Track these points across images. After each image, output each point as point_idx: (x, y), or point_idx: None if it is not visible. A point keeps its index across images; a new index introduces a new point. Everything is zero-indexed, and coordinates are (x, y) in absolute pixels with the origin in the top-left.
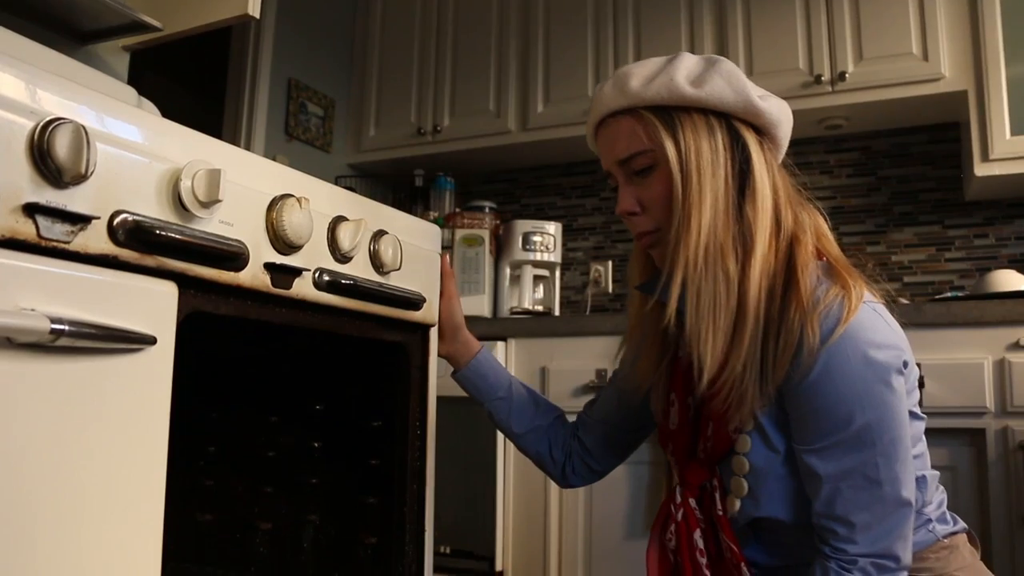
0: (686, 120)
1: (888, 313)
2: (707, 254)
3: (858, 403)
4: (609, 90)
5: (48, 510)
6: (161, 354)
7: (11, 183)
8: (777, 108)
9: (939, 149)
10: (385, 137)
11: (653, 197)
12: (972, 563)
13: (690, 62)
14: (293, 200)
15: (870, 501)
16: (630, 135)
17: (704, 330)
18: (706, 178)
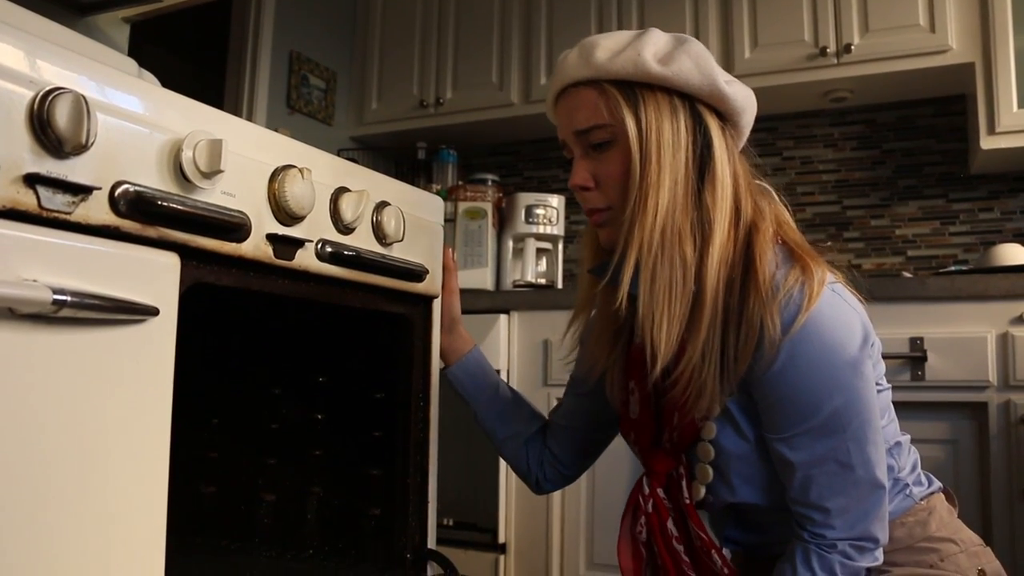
0: (649, 98)
1: (848, 292)
2: (663, 237)
3: (825, 390)
4: (574, 59)
5: (51, 482)
6: (164, 325)
7: (11, 153)
8: (743, 95)
9: (945, 122)
10: (387, 110)
11: (609, 173)
12: (950, 521)
13: (659, 39)
14: (295, 171)
15: (844, 486)
16: (592, 107)
17: (658, 315)
18: (665, 159)
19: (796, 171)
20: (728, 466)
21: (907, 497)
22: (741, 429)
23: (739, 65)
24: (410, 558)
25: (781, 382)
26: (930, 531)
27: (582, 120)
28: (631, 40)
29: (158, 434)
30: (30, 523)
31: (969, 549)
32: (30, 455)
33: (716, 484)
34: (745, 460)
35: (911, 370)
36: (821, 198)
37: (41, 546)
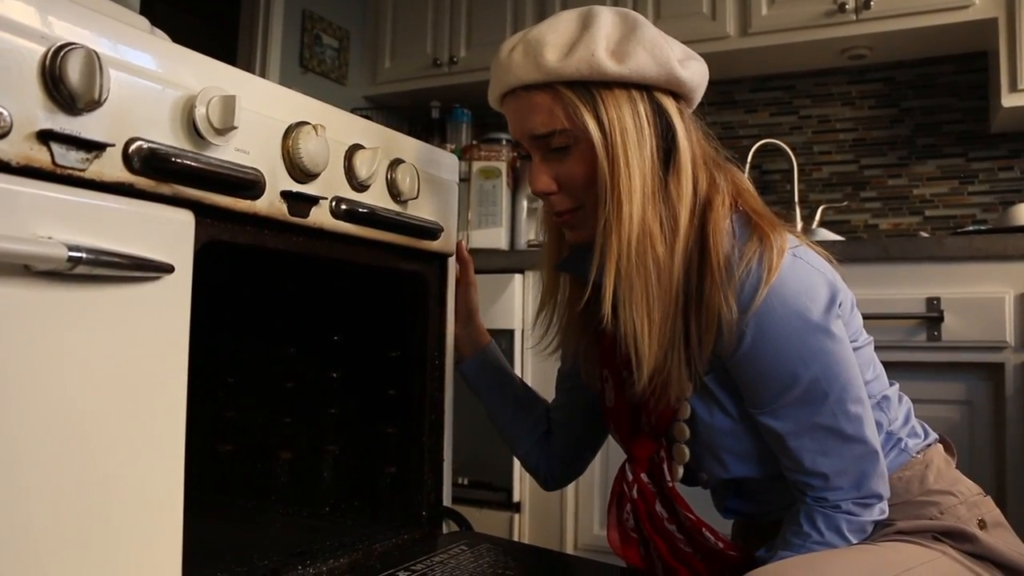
0: (608, 96)
1: (811, 253)
2: (638, 242)
3: (800, 360)
4: (520, 59)
5: (68, 439)
6: (179, 283)
7: (24, 109)
8: (699, 73)
9: (965, 79)
10: (401, 69)
11: (572, 176)
12: (948, 473)
13: (608, 26)
14: (309, 128)
15: (837, 449)
16: (547, 112)
17: (640, 327)
18: (633, 158)
19: (813, 130)
20: (716, 444)
21: (902, 451)
22: (723, 406)
23: (756, 22)
24: (426, 516)
25: (754, 358)
26: (928, 484)
27: (538, 126)
28: (580, 33)
29: (174, 392)
30: (46, 480)
31: (968, 499)
32: (47, 412)
33: (708, 463)
34: (732, 435)
35: (927, 330)
36: (838, 157)
37: (58, 502)
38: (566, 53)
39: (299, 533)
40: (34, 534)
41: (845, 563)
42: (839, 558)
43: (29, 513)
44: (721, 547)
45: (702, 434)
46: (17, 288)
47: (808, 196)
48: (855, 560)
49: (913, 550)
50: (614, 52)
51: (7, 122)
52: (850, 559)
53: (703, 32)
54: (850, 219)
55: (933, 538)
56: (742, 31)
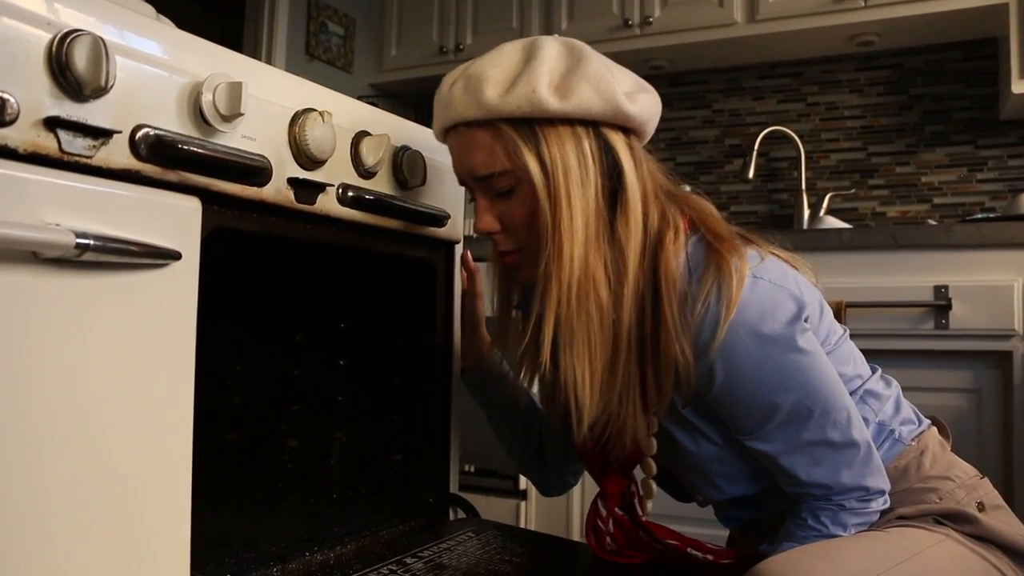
0: (551, 134)
1: (773, 267)
2: (579, 287)
3: (778, 387)
4: (460, 95)
5: (76, 426)
6: (186, 270)
7: (31, 96)
8: (649, 106)
9: (975, 66)
10: (407, 56)
11: (516, 216)
12: (944, 457)
13: (552, 61)
14: (316, 114)
15: (829, 457)
16: (487, 151)
17: (580, 375)
18: (576, 198)
19: (821, 117)
20: (707, 470)
21: (896, 441)
22: (707, 435)
23: (763, 8)
24: (432, 503)
25: (730, 393)
26: (925, 470)
27: (480, 166)
28: (522, 67)
29: (182, 379)
30: (55, 467)
31: (966, 483)
32: (55, 399)
33: (703, 487)
34: (721, 461)
35: (935, 318)
36: (846, 144)
37: (66, 489)
38: (507, 89)
39: (306, 520)
40: (44, 521)
41: (857, 550)
42: (850, 545)
43: (38, 501)
44: (712, 559)
45: (691, 463)
46: (25, 275)
47: (816, 184)
48: (866, 547)
49: (919, 534)
50: (557, 87)
51: (14, 109)
52: (861, 546)
53: (710, 19)
54: (858, 207)
55: (935, 521)
56: (749, 17)
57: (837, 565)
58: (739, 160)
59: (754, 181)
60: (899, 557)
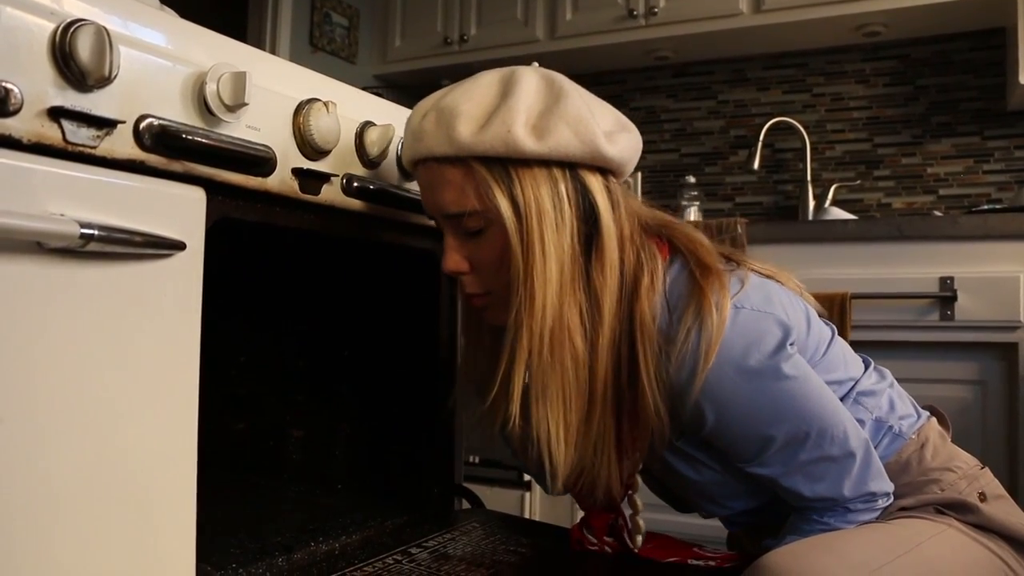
0: (525, 175)
1: (755, 291)
2: (553, 337)
3: (770, 420)
4: (432, 128)
5: (82, 417)
6: (191, 260)
7: (35, 86)
8: (628, 147)
9: (982, 56)
10: (411, 47)
11: (486, 259)
12: (944, 448)
13: (529, 97)
14: (320, 104)
15: (831, 472)
16: (458, 191)
17: (554, 429)
18: (550, 243)
19: (826, 108)
20: (709, 492)
21: (896, 436)
22: (706, 464)
23: None
24: (437, 493)
25: (723, 431)
26: (926, 463)
27: (449, 204)
28: (497, 103)
29: (188, 369)
30: (62, 458)
31: (968, 473)
32: (60, 390)
33: (707, 506)
34: (723, 485)
35: (940, 310)
36: (852, 135)
37: (73, 480)
38: (481, 126)
39: (312, 510)
40: (51, 511)
41: (860, 542)
42: (853, 537)
43: (44, 492)
44: (715, 564)
45: (692, 487)
46: (30, 265)
47: (821, 175)
48: (869, 539)
49: (921, 525)
50: (534, 127)
51: (18, 99)
52: (865, 538)
53: (716, 9)
54: (863, 198)
55: (936, 512)
56: (755, 7)
57: (840, 557)
58: (744, 151)
59: (759, 172)
60: (901, 548)
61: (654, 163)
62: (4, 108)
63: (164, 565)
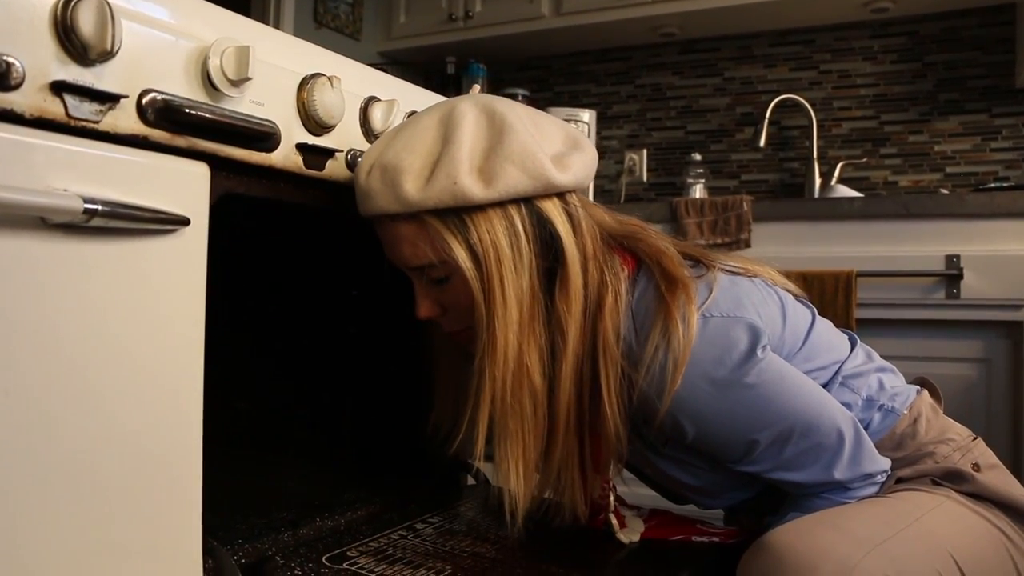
0: (480, 219)
1: (724, 294)
2: (513, 380)
3: (750, 425)
4: (378, 187)
5: (86, 393)
6: (195, 236)
7: (37, 60)
8: (581, 167)
9: (991, 33)
10: (416, 24)
11: (456, 303)
12: (937, 421)
13: (470, 140)
14: (324, 79)
15: (822, 460)
16: (414, 245)
17: (514, 468)
18: (509, 286)
19: (833, 85)
20: (702, 488)
21: (889, 413)
22: (694, 464)
23: None
24: (444, 469)
25: (706, 440)
26: (920, 437)
27: (409, 258)
28: (439, 151)
29: (192, 346)
30: (65, 434)
31: (961, 445)
32: (64, 366)
33: (700, 499)
34: (714, 481)
35: (946, 288)
36: (858, 113)
37: (77, 456)
38: (426, 180)
39: (317, 486)
40: (55, 488)
41: (864, 517)
42: (857, 512)
43: (48, 469)
44: (718, 540)
45: (688, 488)
46: (33, 241)
47: (827, 152)
48: (872, 513)
49: (920, 498)
50: (480, 171)
51: (19, 73)
52: (867, 512)
53: None
54: (869, 176)
55: (932, 483)
56: None
57: (844, 533)
58: (750, 128)
59: (765, 150)
60: (903, 522)
61: (660, 140)
62: (6, 82)
63: (171, 540)
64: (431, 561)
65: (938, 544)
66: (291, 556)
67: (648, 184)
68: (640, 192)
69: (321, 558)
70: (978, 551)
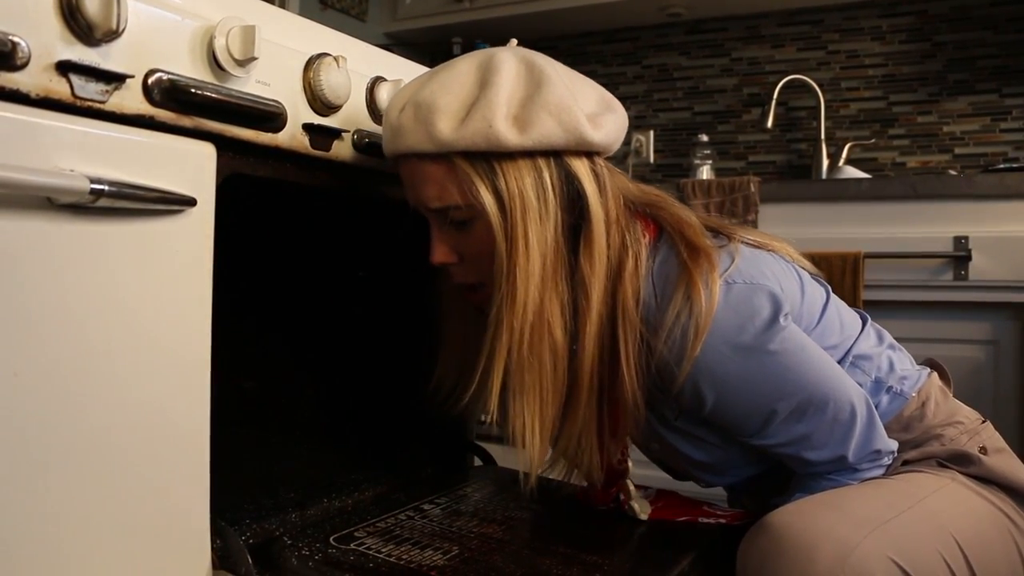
0: (509, 168)
1: (745, 262)
2: (533, 333)
3: (770, 394)
4: (410, 124)
5: (92, 374)
6: (201, 216)
7: (42, 39)
8: (614, 128)
9: (1002, 12)
10: (421, 5)
11: (474, 250)
12: (946, 404)
13: (509, 86)
14: (330, 59)
15: (836, 436)
16: (441, 186)
17: (529, 426)
18: (533, 237)
19: (841, 65)
20: (707, 466)
21: (897, 395)
22: (704, 439)
23: None
24: (450, 450)
25: (724, 410)
26: (928, 420)
27: (432, 198)
28: (476, 94)
29: (199, 326)
30: (73, 415)
31: (969, 428)
32: (71, 346)
33: (703, 476)
34: (721, 458)
35: (954, 269)
36: (867, 93)
37: (85, 437)
38: (461, 121)
39: (324, 467)
40: (63, 469)
41: (866, 498)
42: (859, 494)
43: (55, 449)
44: (725, 522)
45: (690, 462)
46: (40, 221)
47: (835, 133)
48: (873, 495)
49: (924, 479)
50: (516, 119)
51: (25, 53)
52: (870, 494)
53: None
54: (877, 157)
55: (938, 464)
56: None
57: (845, 513)
58: (757, 109)
59: (773, 131)
60: (905, 504)
61: (667, 121)
62: (11, 62)
63: (179, 521)
64: (438, 542)
65: (941, 525)
66: (299, 536)
67: (655, 165)
68: (647, 173)
69: (328, 538)
70: (981, 533)
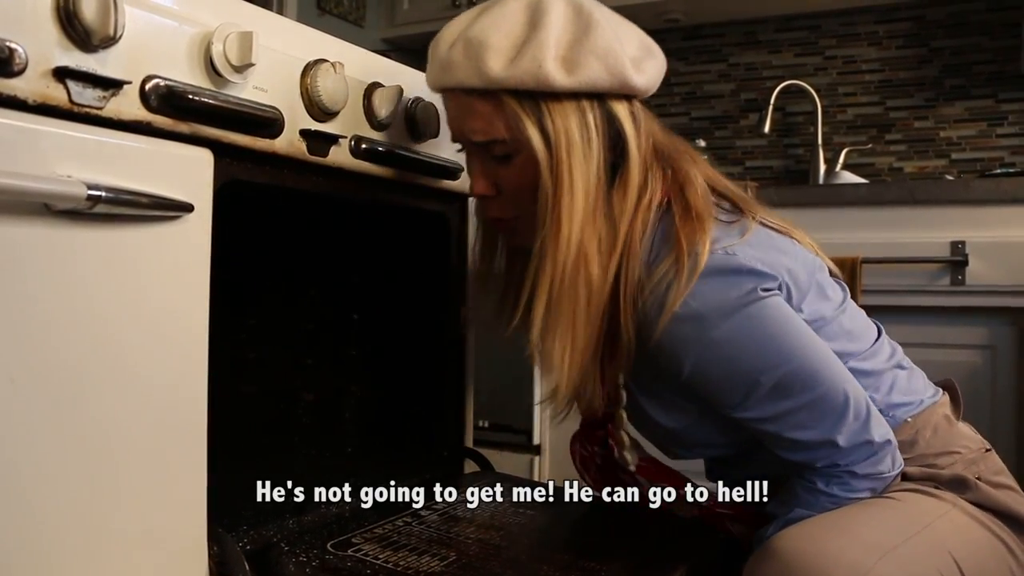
0: (555, 108)
1: (755, 239)
2: (573, 266)
3: (753, 364)
4: (460, 59)
5: (90, 380)
6: (199, 222)
7: (39, 46)
8: (655, 72)
9: (999, 17)
10: (420, 10)
11: (514, 184)
12: (947, 433)
13: (558, 28)
14: (327, 65)
15: (827, 418)
16: (487, 120)
17: (560, 355)
18: (578, 174)
19: (838, 71)
20: (678, 437)
21: (888, 420)
22: (680, 406)
23: None
24: (447, 456)
25: (704, 376)
26: (919, 448)
27: (478, 132)
28: (527, 34)
29: (197, 331)
30: (70, 420)
31: (967, 457)
32: (68, 352)
33: (672, 448)
34: (693, 430)
35: (951, 275)
36: (864, 99)
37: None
38: (511, 59)
39: (322, 473)
40: (62, 472)
41: (873, 521)
42: (863, 516)
43: (54, 454)
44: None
45: (661, 431)
46: (37, 227)
47: (832, 139)
48: (881, 517)
49: (928, 504)
50: (564, 60)
51: (22, 59)
52: (876, 516)
53: None
54: (875, 162)
55: (935, 487)
56: None
57: (854, 537)
58: (755, 115)
59: (770, 136)
60: (912, 529)
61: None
62: (8, 68)
63: (176, 527)
64: (436, 547)
65: (947, 553)
66: (296, 543)
67: None
68: None
69: (326, 544)
70: (982, 562)
